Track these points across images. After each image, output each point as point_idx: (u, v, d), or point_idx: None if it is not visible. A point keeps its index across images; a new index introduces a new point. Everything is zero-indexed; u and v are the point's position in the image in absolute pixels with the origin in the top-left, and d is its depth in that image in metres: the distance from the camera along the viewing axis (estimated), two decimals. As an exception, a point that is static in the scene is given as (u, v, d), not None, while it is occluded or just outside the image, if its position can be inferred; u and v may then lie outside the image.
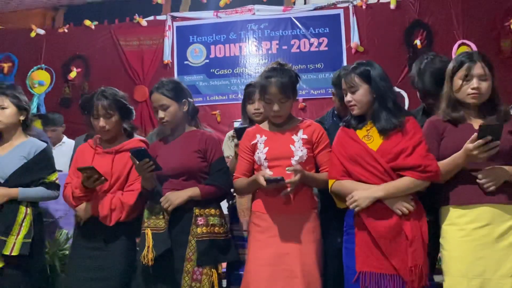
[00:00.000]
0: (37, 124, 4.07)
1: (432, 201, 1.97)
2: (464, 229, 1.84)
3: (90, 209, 2.21)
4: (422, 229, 1.86)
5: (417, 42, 4.91)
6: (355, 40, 5.06)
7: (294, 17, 5.27)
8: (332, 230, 2.16)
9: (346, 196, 1.92)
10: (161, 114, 2.20)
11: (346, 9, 5.17)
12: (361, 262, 1.87)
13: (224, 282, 2.40)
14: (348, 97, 1.98)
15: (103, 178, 2.16)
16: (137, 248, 2.22)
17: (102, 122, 2.23)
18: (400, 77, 4.82)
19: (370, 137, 1.96)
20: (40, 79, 5.44)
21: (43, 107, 5.30)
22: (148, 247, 2.08)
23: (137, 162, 2.06)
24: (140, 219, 2.24)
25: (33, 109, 5.28)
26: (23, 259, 2.29)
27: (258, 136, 2.12)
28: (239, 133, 2.22)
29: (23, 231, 2.31)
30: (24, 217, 2.34)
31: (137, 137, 2.42)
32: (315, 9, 5.26)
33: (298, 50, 5.23)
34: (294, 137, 2.07)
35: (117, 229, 2.21)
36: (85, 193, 2.22)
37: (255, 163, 2.12)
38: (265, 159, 2.05)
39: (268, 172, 2.00)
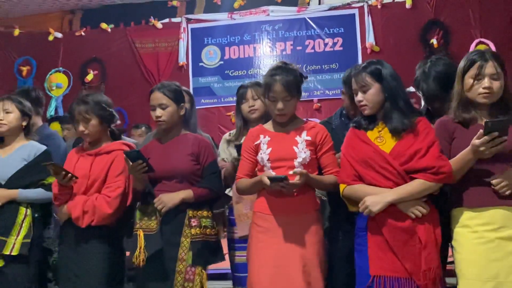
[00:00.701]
0: (56, 126, 4.13)
1: (442, 202, 1.93)
2: (476, 231, 1.80)
3: (67, 210, 2.24)
4: (436, 233, 1.83)
5: (434, 41, 4.85)
6: (370, 40, 5.02)
7: (309, 18, 5.26)
8: (342, 233, 2.14)
9: (357, 200, 1.89)
10: (158, 112, 2.22)
11: (361, 9, 5.13)
12: (374, 265, 1.84)
13: (209, 283, 2.43)
14: (359, 97, 1.94)
15: (70, 174, 2.19)
16: (125, 251, 2.26)
17: (81, 127, 2.28)
18: (416, 77, 4.77)
19: (382, 139, 1.92)
20: (58, 81, 5.53)
21: (61, 109, 5.38)
22: (140, 248, 2.11)
23: (130, 163, 2.09)
24: (123, 221, 2.28)
25: (51, 111, 5.37)
26: (23, 258, 2.33)
27: (261, 136, 2.11)
28: (239, 148, 2.20)
29: (23, 231, 2.35)
30: (24, 218, 2.38)
31: (124, 139, 2.46)
32: (329, 9, 5.24)
33: (312, 51, 5.22)
34: (298, 138, 2.05)
35: (93, 231, 2.22)
36: (60, 191, 2.25)
37: (258, 163, 2.13)
38: (268, 159, 2.04)
39: (272, 173, 1.99)
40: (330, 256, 2.12)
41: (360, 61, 5.00)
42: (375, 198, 1.82)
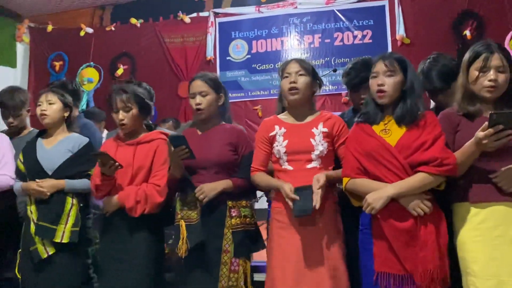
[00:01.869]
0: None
1: (444, 197, 1.88)
2: (478, 228, 1.76)
3: (117, 201, 2.28)
4: (441, 232, 1.79)
5: (467, 33, 4.70)
6: (400, 32, 4.91)
7: (337, 10, 5.18)
8: (346, 229, 2.11)
9: (360, 194, 1.87)
10: (198, 99, 2.23)
11: (391, 0, 5.01)
12: (379, 262, 1.82)
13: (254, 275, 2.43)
14: (380, 81, 1.88)
15: (117, 163, 2.21)
16: (170, 240, 2.28)
17: (121, 115, 2.31)
18: (449, 70, 4.63)
19: (388, 131, 1.89)
20: (89, 76, 5.65)
21: (92, 103, 5.50)
22: (182, 238, 2.12)
23: (172, 148, 2.08)
24: (166, 209, 2.29)
25: (83, 105, 5.49)
26: (71, 247, 2.41)
27: (277, 127, 2.10)
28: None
29: (71, 220, 2.42)
30: (71, 207, 2.45)
31: (160, 129, 2.49)
32: (359, 1, 5.14)
33: (341, 43, 5.14)
34: (315, 130, 2.03)
35: (141, 220, 2.26)
36: (104, 181, 2.28)
37: (273, 155, 2.11)
38: (284, 152, 2.03)
39: (297, 198, 1.94)
40: None
41: (390, 53, 4.90)
42: (376, 194, 1.79)
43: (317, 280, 1.94)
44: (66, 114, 2.60)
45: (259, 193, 2.58)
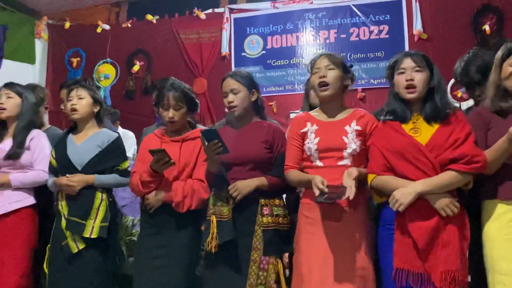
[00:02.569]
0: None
1: (473, 195, 1.86)
2: (508, 226, 1.73)
3: (162, 196, 2.28)
4: (464, 233, 1.77)
5: (486, 27, 4.61)
6: (417, 27, 4.84)
7: (353, 5, 5.13)
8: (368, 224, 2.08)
9: (385, 191, 1.84)
10: (230, 97, 2.23)
11: (408, -5, 4.96)
12: (399, 259, 1.80)
13: (287, 272, 2.42)
14: (409, 76, 1.87)
15: (172, 161, 2.22)
16: (202, 235, 2.27)
17: (171, 113, 2.31)
18: (467, 65, 4.56)
19: (418, 130, 1.86)
20: (106, 72, 5.71)
21: (109, 99, 5.56)
22: (213, 234, 2.11)
23: (206, 143, 2.09)
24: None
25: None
26: (101, 241, 2.43)
27: (308, 124, 2.07)
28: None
29: (100, 215, 2.44)
30: (101, 202, 2.47)
31: (200, 127, 2.49)
32: (375, -5, 5.09)
33: (357, 39, 5.10)
34: (347, 128, 2.00)
35: (184, 217, 2.27)
36: (153, 178, 2.28)
37: (304, 152, 2.09)
38: (316, 150, 2.01)
39: (325, 189, 1.89)
40: None
41: (407, 49, 4.83)
42: (405, 190, 1.77)
43: (343, 278, 1.92)
44: (96, 110, 2.62)
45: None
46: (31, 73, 5.76)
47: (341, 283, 1.91)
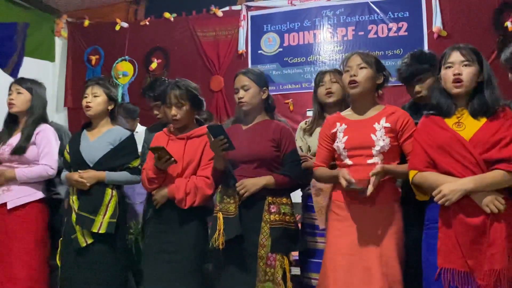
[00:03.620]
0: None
1: None
2: None
3: (166, 192, 2.32)
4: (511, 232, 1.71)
5: (508, 24, 4.50)
6: (437, 24, 4.76)
7: (372, 2, 5.07)
8: (410, 223, 2.06)
9: (429, 189, 1.81)
10: (240, 93, 2.27)
11: (428, -9, 4.88)
12: (443, 258, 1.77)
13: (293, 270, 2.42)
14: (458, 70, 1.83)
15: (173, 159, 2.27)
16: (209, 231, 2.29)
17: (174, 110, 2.36)
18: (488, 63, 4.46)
19: (462, 125, 1.81)
20: (124, 70, 5.76)
21: (127, 97, 5.61)
22: (219, 230, 2.13)
23: (212, 139, 2.10)
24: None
25: (118, 99, 5.61)
26: (109, 237, 2.48)
27: (338, 124, 2.08)
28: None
29: (109, 211, 2.49)
30: (111, 199, 2.52)
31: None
32: (394, -8, 5.02)
33: (375, 36, 5.04)
34: (376, 126, 1.99)
35: (190, 212, 2.30)
36: (157, 175, 2.33)
37: (335, 152, 2.09)
38: (344, 148, 2.00)
39: (351, 180, 1.90)
40: None
41: (426, 46, 4.76)
42: (453, 186, 1.72)
43: (367, 275, 1.92)
44: (110, 107, 2.67)
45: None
46: (51, 70, 5.85)
47: (366, 281, 1.90)
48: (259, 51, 5.40)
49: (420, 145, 1.87)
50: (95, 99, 2.61)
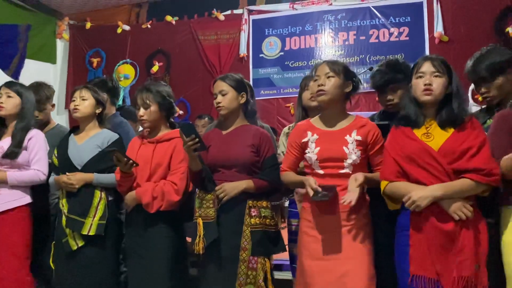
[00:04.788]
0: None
1: (493, 202, 1.83)
2: None
3: (135, 197, 2.35)
4: (480, 240, 1.74)
5: (509, 30, 4.52)
6: (439, 29, 4.77)
7: (373, 6, 5.09)
8: (380, 232, 2.08)
9: (400, 198, 1.83)
10: (218, 98, 2.29)
11: (429, -4, 4.89)
12: (415, 265, 1.79)
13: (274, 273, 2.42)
14: (428, 80, 1.86)
15: (131, 161, 2.29)
16: (188, 238, 2.32)
17: (141, 111, 2.40)
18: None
19: (430, 135, 1.85)
20: (126, 72, 5.77)
21: (128, 99, 5.62)
22: (200, 236, 2.15)
23: (185, 139, 2.10)
24: (184, 205, 2.33)
25: (119, 101, 5.62)
26: (100, 239, 2.49)
27: (309, 133, 2.08)
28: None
29: (99, 213, 2.49)
30: (99, 201, 2.52)
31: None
32: (395, -3, 5.04)
33: (377, 41, 5.05)
34: (348, 138, 2.00)
35: (159, 217, 2.31)
36: (122, 178, 2.37)
37: (305, 160, 2.10)
38: (316, 159, 2.01)
39: (318, 189, 1.93)
40: None
41: (427, 51, 4.78)
42: (422, 192, 1.75)
43: (341, 281, 1.93)
44: (98, 111, 2.67)
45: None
46: (52, 72, 5.86)
47: (340, 286, 1.92)
48: (261, 55, 5.41)
49: (391, 156, 1.89)
50: (83, 102, 2.62)
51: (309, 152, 2.05)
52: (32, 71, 5.15)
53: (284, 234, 2.42)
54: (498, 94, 2.15)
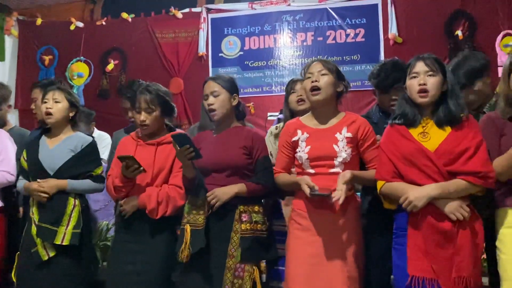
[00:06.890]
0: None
1: (488, 202, 1.87)
2: None
3: (137, 202, 2.22)
4: (477, 239, 1.77)
5: (459, 33, 4.71)
6: (393, 31, 4.91)
7: (330, 8, 5.17)
8: (378, 232, 2.09)
9: (396, 198, 1.83)
10: (210, 100, 2.19)
11: (384, -1, 5.02)
12: (413, 265, 1.79)
13: (264, 277, 2.38)
14: (422, 80, 1.85)
15: (142, 168, 2.16)
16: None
17: (143, 116, 2.25)
18: (440, 69, 4.64)
19: (427, 135, 1.85)
20: (79, 71, 5.58)
21: (81, 98, 5.43)
22: (186, 243, 2.07)
23: (178, 148, 2.03)
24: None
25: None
26: (73, 248, 2.34)
27: (299, 132, 2.05)
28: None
29: (72, 221, 2.36)
30: (73, 208, 2.38)
31: (178, 130, 2.43)
32: (352, -1, 5.14)
33: (334, 42, 5.13)
34: (338, 136, 1.98)
35: (160, 223, 2.22)
36: (124, 183, 2.22)
37: (296, 159, 2.08)
38: (307, 158, 1.99)
39: (314, 186, 1.91)
40: (365, 255, 2.07)
41: (382, 52, 4.91)
42: (418, 193, 1.76)
43: (330, 285, 1.92)
44: (71, 114, 2.53)
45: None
46: (1, 70, 5.58)
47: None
48: (220, 54, 5.37)
49: (386, 155, 1.88)
50: (56, 105, 2.45)
51: (299, 151, 2.02)
52: (-22, 68, 4.89)
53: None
54: (477, 99, 2.19)
